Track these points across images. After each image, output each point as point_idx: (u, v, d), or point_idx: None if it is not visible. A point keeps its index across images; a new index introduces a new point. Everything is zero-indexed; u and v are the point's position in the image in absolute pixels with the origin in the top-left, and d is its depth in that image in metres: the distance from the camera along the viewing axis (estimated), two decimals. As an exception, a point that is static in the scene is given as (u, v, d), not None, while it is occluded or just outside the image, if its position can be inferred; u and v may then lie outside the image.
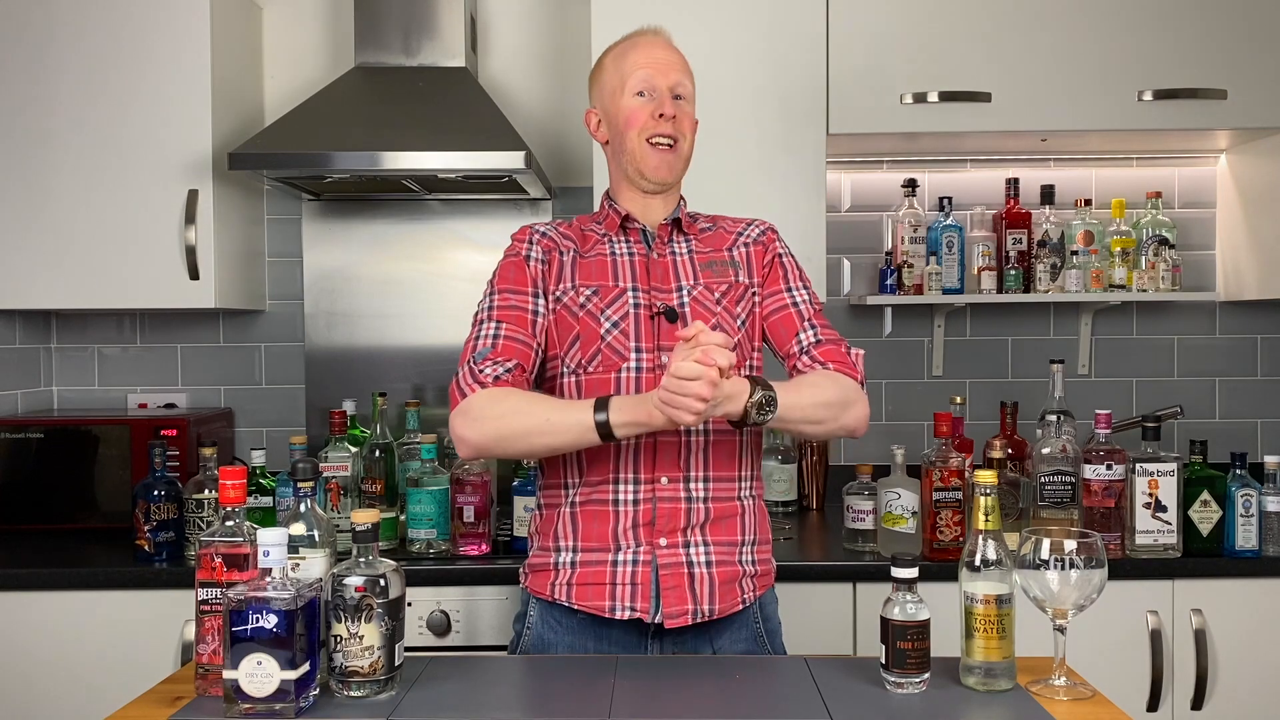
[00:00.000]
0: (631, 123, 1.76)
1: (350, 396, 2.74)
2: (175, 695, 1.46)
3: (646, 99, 1.76)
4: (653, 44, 1.80)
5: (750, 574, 1.76)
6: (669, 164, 1.77)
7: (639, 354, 1.71)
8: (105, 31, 2.53)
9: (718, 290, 1.77)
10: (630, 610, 1.69)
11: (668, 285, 1.76)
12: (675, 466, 1.71)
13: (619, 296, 1.74)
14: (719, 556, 1.72)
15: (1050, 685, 1.47)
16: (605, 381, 1.70)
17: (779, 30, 2.56)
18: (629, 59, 1.78)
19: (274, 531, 1.37)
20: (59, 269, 2.55)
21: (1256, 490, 2.32)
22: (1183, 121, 2.57)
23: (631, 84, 1.76)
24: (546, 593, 1.74)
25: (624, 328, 1.72)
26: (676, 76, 1.77)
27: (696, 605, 1.69)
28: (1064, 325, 2.98)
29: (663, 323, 1.73)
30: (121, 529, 2.47)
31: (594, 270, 1.77)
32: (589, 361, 1.71)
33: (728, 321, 1.74)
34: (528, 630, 1.78)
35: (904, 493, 2.31)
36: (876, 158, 2.95)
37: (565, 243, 1.80)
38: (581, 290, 1.74)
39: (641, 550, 1.70)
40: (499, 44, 2.94)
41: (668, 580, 1.69)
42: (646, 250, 1.79)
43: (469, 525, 2.34)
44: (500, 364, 1.67)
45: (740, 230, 1.86)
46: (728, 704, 1.46)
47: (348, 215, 2.92)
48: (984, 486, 1.48)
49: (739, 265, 1.81)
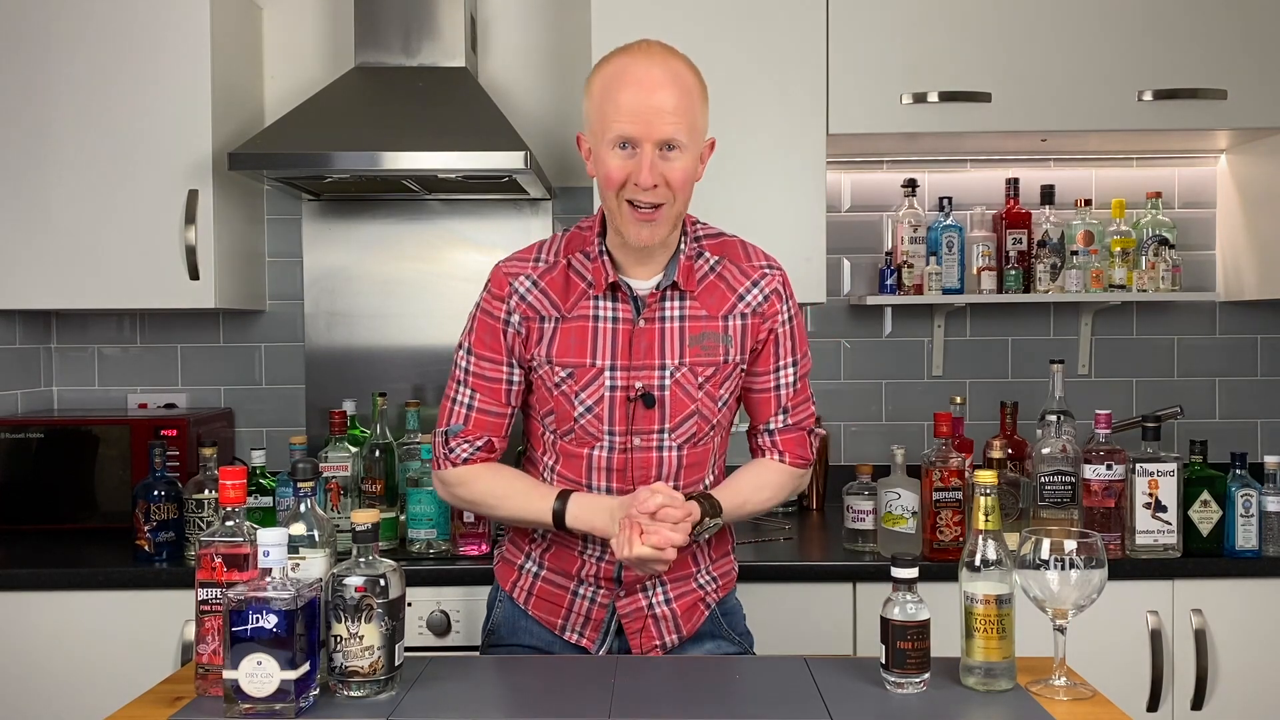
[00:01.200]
0: (609, 182, 1.58)
1: (350, 396, 2.74)
2: (175, 695, 1.46)
3: (628, 155, 1.56)
4: (642, 83, 1.55)
5: (711, 590, 1.81)
6: (650, 231, 1.60)
7: (612, 437, 1.70)
8: (105, 32, 2.53)
9: (702, 374, 1.69)
10: (579, 636, 1.76)
11: (650, 361, 1.67)
12: None
13: (595, 379, 1.67)
14: (676, 592, 1.77)
15: (1050, 685, 1.47)
16: (578, 454, 1.72)
17: (779, 30, 2.56)
18: (611, 102, 1.56)
19: (274, 531, 1.37)
20: (59, 269, 2.55)
21: (1256, 490, 2.32)
22: (1183, 121, 2.57)
23: (612, 135, 1.56)
24: (508, 589, 1.81)
25: (598, 412, 1.68)
26: (665, 129, 1.55)
27: (663, 639, 1.76)
28: (1064, 325, 2.98)
29: (639, 408, 1.68)
30: (121, 529, 2.47)
31: (573, 343, 1.67)
32: (564, 435, 1.72)
33: (708, 406, 1.71)
34: (499, 606, 1.84)
35: (904, 493, 2.31)
36: (876, 158, 2.95)
37: (545, 306, 1.69)
38: (557, 370, 1.68)
39: (600, 594, 1.75)
40: (499, 44, 2.94)
41: (631, 625, 1.75)
42: (634, 316, 1.68)
43: (469, 525, 2.34)
44: (471, 443, 1.73)
45: (744, 290, 1.71)
46: (728, 704, 1.46)
47: (348, 215, 2.92)
48: (984, 486, 1.48)
49: (731, 341, 1.70)
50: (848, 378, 2.98)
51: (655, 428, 1.69)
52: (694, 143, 1.61)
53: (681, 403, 1.69)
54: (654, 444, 1.70)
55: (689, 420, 1.70)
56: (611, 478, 1.71)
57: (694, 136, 1.61)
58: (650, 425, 1.69)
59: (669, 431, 1.70)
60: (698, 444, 1.73)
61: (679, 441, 1.71)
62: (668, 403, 1.68)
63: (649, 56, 1.58)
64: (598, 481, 1.71)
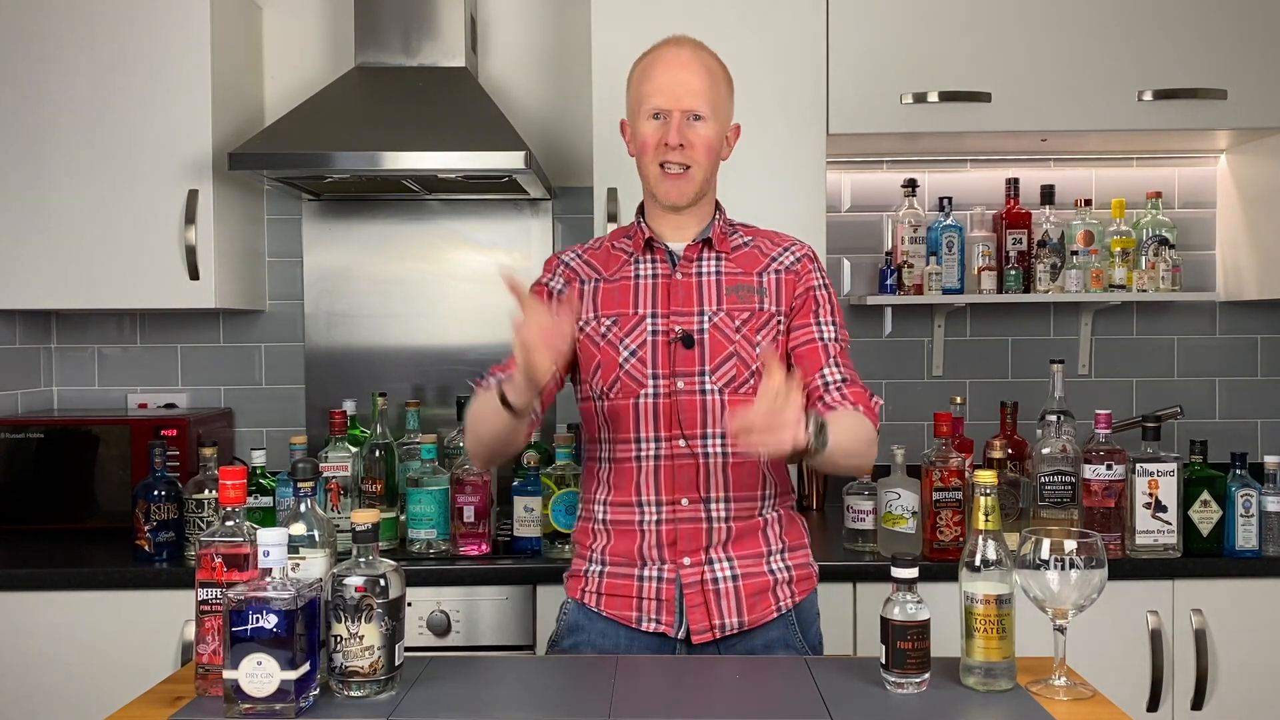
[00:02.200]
0: (645, 148, 1.77)
1: (350, 396, 2.73)
2: (175, 695, 1.46)
3: (660, 123, 1.76)
4: (671, 63, 1.77)
5: (784, 580, 1.79)
6: (679, 189, 1.76)
7: (656, 380, 1.75)
8: (105, 32, 2.53)
9: (739, 318, 1.77)
10: (655, 623, 1.75)
11: (689, 308, 1.77)
12: (694, 489, 1.75)
13: (638, 324, 1.77)
14: (744, 569, 1.76)
15: (1050, 685, 1.47)
16: (625, 407, 1.76)
17: (779, 30, 2.56)
18: (647, 81, 1.77)
19: (274, 531, 1.37)
20: (59, 269, 2.55)
21: (1256, 490, 2.32)
22: (1183, 121, 2.57)
23: (646, 108, 1.77)
24: (578, 596, 1.81)
25: (641, 355, 1.75)
26: (692, 100, 1.74)
27: (723, 619, 1.74)
28: (1064, 325, 2.98)
29: (679, 349, 1.75)
30: (121, 529, 2.47)
31: (616, 297, 1.80)
32: (610, 389, 1.76)
33: (746, 349, 1.75)
34: (564, 615, 1.83)
35: (904, 493, 2.31)
36: (876, 158, 2.95)
37: (587, 271, 1.83)
38: (603, 320, 1.78)
39: (666, 568, 1.75)
40: (499, 44, 2.94)
41: (692, 598, 1.74)
42: (671, 270, 1.80)
43: (469, 525, 2.34)
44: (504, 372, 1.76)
45: (776, 254, 1.83)
46: (728, 704, 1.46)
47: (348, 215, 2.92)
48: (984, 486, 1.48)
49: (766, 292, 1.79)
50: (848, 378, 2.97)
51: (696, 369, 1.75)
52: (717, 119, 1.78)
53: (720, 344, 1.75)
54: (696, 387, 1.74)
55: (729, 362, 1.75)
56: (659, 425, 1.74)
57: (717, 114, 1.78)
58: (691, 367, 1.75)
59: (710, 373, 1.74)
60: (739, 389, 1.74)
61: (720, 384, 1.74)
62: (706, 344, 1.75)
63: (679, 45, 1.80)
64: (645, 431, 1.74)
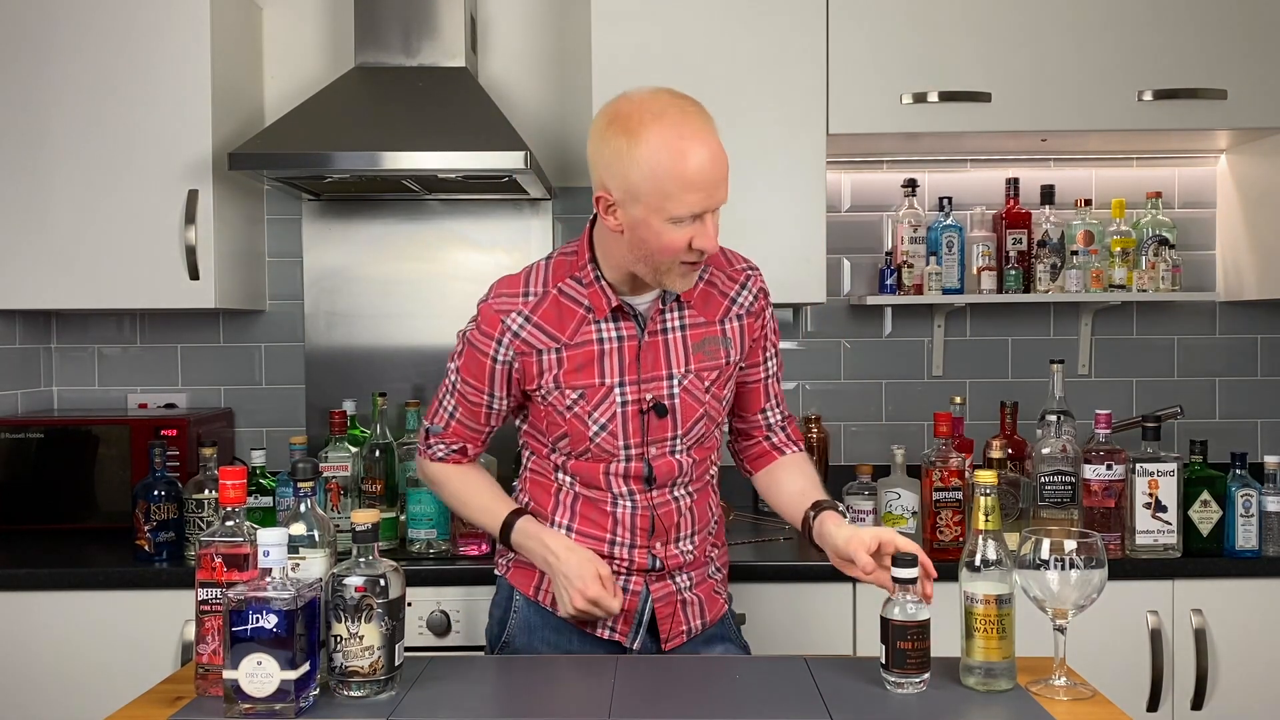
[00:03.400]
0: (669, 251, 1.60)
1: (350, 396, 2.73)
2: (175, 695, 1.46)
3: (689, 225, 1.58)
4: (704, 164, 1.55)
5: (718, 582, 1.86)
6: (695, 277, 1.68)
7: (628, 450, 1.74)
8: (105, 32, 2.53)
9: (708, 379, 1.75)
10: (611, 631, 1.77)
11: (659, 373, 1.72)
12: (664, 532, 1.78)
13: (606, 396, 1.71)
14: (697, 578, 1.82)
15: (1050, 685, 1.47)
16: (594, 468, 1.75)
17: (779, 30, 2.56)
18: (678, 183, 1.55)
19: (274, 531, 1.37)
20: (59, 269, 2.55)
21: (1256, 490, 2.32)
22: (1183, 121, 2.57)
23: (680, 213, 1.57)
24: (530, 593, 1.80)
25: (612, 429, 1.72)
26: (722, 194, 1.60)
27: (691, 624, 1.80)
28: (1064, 325, 2.98)
29: (652, 419, 1.73)
30: (121, 529, 2.47)
31: (580, 366, 1.70)
32: (579, 455, 1.75)
33: (714, 407, 1.77)
34: (514, 614, 1.81)
35: (904, 493, 2.31)
36: (876, 158, 2.95)
37: (544, 339, 1.70)
38: (568, 393, 1.71)
39: (633, 580, 1.77)
40: (499, 44, 2.94)
41: (664, 610, 1.77)
42: (638, 332, 1.72)
43: (469, 525, 2.34)
44: (447, 445, 1.83)
45: (734, 293, 1.78)
46: (728, 704, 1.46)
47: (348, 215, 2.92)
48: (984, 486, 1.48)
49: (730, 342, 1.77)
50: (848, 378, 2.98)
51: (669, 435, 1.74)
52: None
53: (691, 408, 1.75)
54: (668, 450, 1.75)
55: (699, 424, 1.76)
56: (631, 483, 1.75)
57: None
58: (664, 434, 1.74)
59: (681, 438, 1.75)
60: (703, 443, 1.79)
61: (689, 445, 1.77)
62: (678, 410, 1.74)
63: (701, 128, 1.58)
64: (618, 487, 1.75)
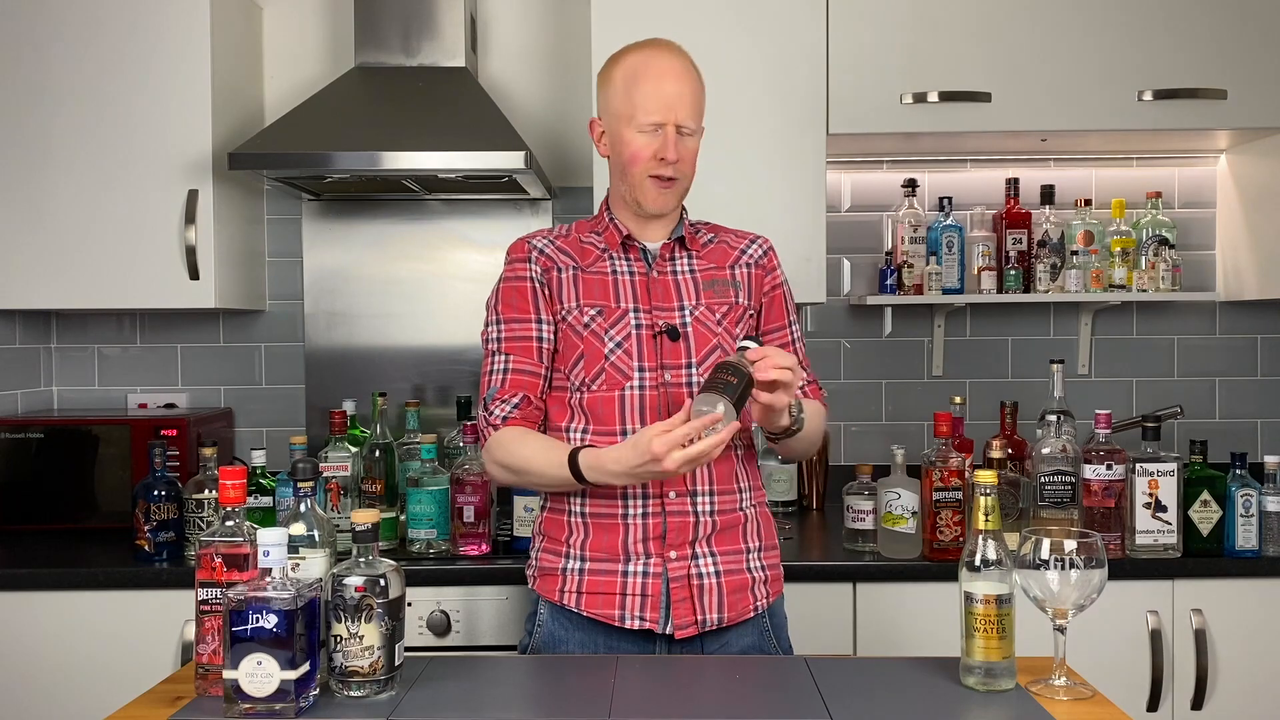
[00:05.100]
0: (636, 159, 1.77)
1: (350, 396, 2.74)
2: (175, 695, 1.46)
3: (652, 136, 1.76)
4: (664, 74, 1.76)
5: (761, 579, 1.80)
6: (666, 198, 1.79)
7: (642, 373, 1.75)
8: (105, 32, 2.53)
9: (718, 311, 1.80)
10: (640, 620, 1.73)
11: (669, 304, 1.79)
12: (682, 483, 1.74)
13: (621, 317, 1.77)
14: (727, 566, 1.76)
15: (1050, 685, 1.47)
16: (609, 399, 1.75)
17: (779, 30, 2.56)
18: (640, 90, 1.76)
19: (274, 531, 1.37)
20: (59, 269, 2.55)
21: (1256, 490, 2.32)
22: (1183, 121, 2.57)
23: (640, 119, 1.76)
24: (555, 598, 1.78)
25: (627, 348, 1.75)
26: (684, 115, 1.76)
27: (705, 615, 1.74)
28: (1064, 325, 2.98)
29: (665, 342, 1.76)
30: (121, 529, 2.47)
31: (596, 289, 1.79)
32: (593, 380, 1.76)
33: (727, 342, 1.79)
34: (539, 628, 1.80)
35: (904, 493, 2.31)
36: (876, 158, 2.95)
37: (563, 259, 1.82)
38: (586, 310, 1.78)
39: (652, 562, 1.74)
40: (499, 44, 2.94)
41: (677, 593, 1.73)
42: (647, 269, 1.82)
43: (469, 525, 2.34)
44: (507, 402, 1.78)
45: (743, 247, 1.88)
46: (728, 704, 1.46)
47: (348, 215, 2.92)
48: (984, 486, 1.48)
49: (740, 286, 1.84)
50: (848, 378, 2.98)
51: (683, 361, 1.76)
52: (699, 127, 1.82)
53: (704, 337, 1.78)
54: (684, 379, 1.76)
55: (713, 355, 1.77)
56: (645, 418, 1.73)
57: (699, 122, 1.82)
58: (678, 359, 1.76)
59: (697, 366, 1.76)
60: None
61: (705, 376, 1.72)
62: (691, 337, 1.77)
63: (669, 52, 1.79)
64: (631, 424, 1.73)
